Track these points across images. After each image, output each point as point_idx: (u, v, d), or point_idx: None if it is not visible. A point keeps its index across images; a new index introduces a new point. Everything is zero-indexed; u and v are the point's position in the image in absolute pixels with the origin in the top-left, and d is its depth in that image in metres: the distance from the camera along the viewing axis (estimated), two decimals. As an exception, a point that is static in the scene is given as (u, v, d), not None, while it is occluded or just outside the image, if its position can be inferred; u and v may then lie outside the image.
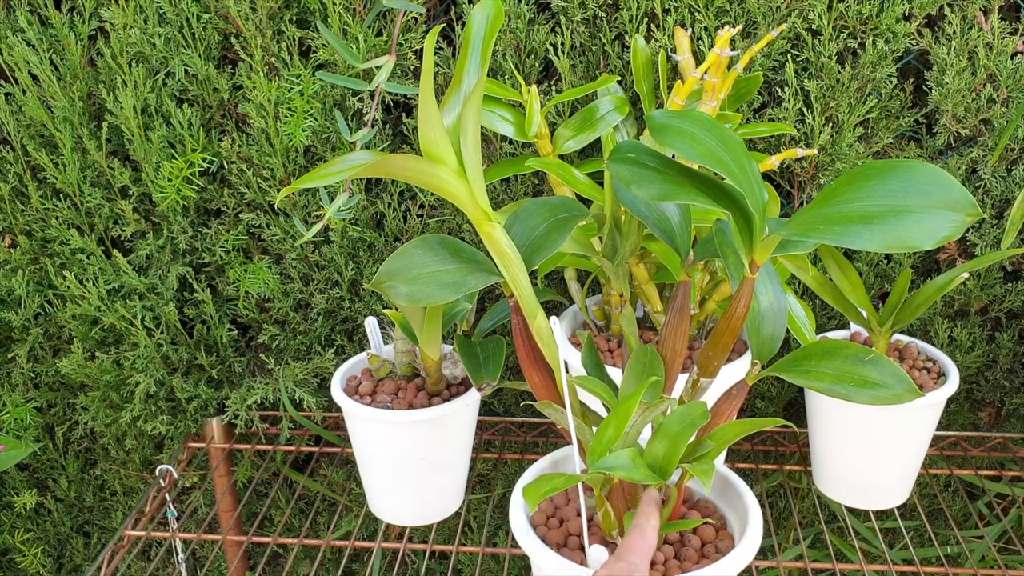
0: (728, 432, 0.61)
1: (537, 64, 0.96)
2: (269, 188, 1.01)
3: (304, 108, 0.96)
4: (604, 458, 0.57)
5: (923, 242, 0.42)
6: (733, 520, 0.69)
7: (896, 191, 0.44)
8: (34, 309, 1.09)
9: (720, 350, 0.63)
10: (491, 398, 1.10)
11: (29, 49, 0.99)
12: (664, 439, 0.59)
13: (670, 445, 0.59)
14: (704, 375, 0.66)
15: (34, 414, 1.14)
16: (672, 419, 0.60)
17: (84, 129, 1.02)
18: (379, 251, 1.05)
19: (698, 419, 0.59)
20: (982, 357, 1.03)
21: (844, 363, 0.58)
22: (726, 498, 0.71)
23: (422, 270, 0.58)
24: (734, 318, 0.60)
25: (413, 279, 0.58)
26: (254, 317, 1.09)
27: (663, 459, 0.59)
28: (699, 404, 0.60)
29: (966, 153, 0.95)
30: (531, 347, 0.64)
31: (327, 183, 0.60)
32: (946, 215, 0.43)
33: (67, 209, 1.05)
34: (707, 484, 0.55)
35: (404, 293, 0.57)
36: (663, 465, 0.59)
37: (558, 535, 0.67)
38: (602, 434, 0.58)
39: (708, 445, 0.61)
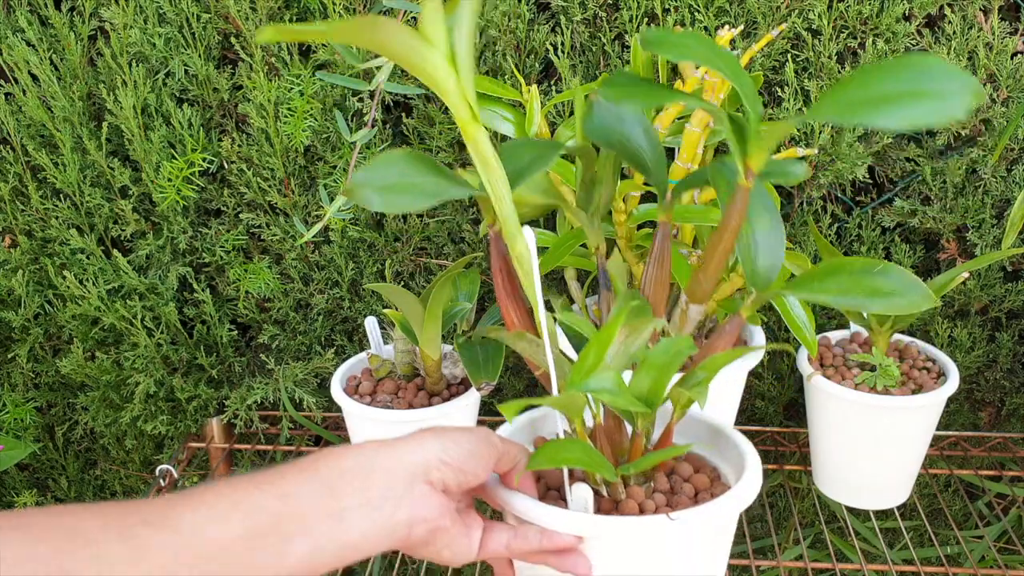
0: (719, 361, 0.57)
1: (537, 64, 0.96)
2: (269, 188, 1.01)
3: (304, 108, 0.96)
4: (586, 380, 0.54)
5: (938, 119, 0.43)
6: (729, 473, 0.65)
7: (911, 79, 0.44)
8: (34, 309, 1.09)
9: (711, 271, 0.59)
10: (491, 398, 1.10)
11: (29, 49, 0.99)
12: (650, 371, 0.56)
13: (656, 376, 0.56)
14: (694, 301, 0.62)
15: (34, 414, 1.14)
16: (657, 351, 0.57)
17: (84, 129, 1.02)
18: (379, 251, 1.05)
19: (685, 350, 0.56)
20: (982, 357, 1.03)
21: (851, 277, 0.55)
22: (719, 451, 0.66)
23: (398, 179, 0.54)
24: (727, 232, 0.56)
25: (388, 187, 0.54)
26: (254, 317, 1.09)
27: (649, 390, 0.56)
28: (685, 337, 0.57)
29: (966, 153, 0.95)
30: (510, 278, 0.61)
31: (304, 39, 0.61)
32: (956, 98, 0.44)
33: (67, 209, 1.05)
34: (702, 400, 0.53)
35: (378, 201, 0.53)
36: (649, 396, 0.56)
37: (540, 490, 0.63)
38: (583, 360, 0.55)
39: (699, 375, 0.57)
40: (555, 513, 0.56)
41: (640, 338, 0.57)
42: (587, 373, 0.54)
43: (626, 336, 0.57)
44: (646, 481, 0.61)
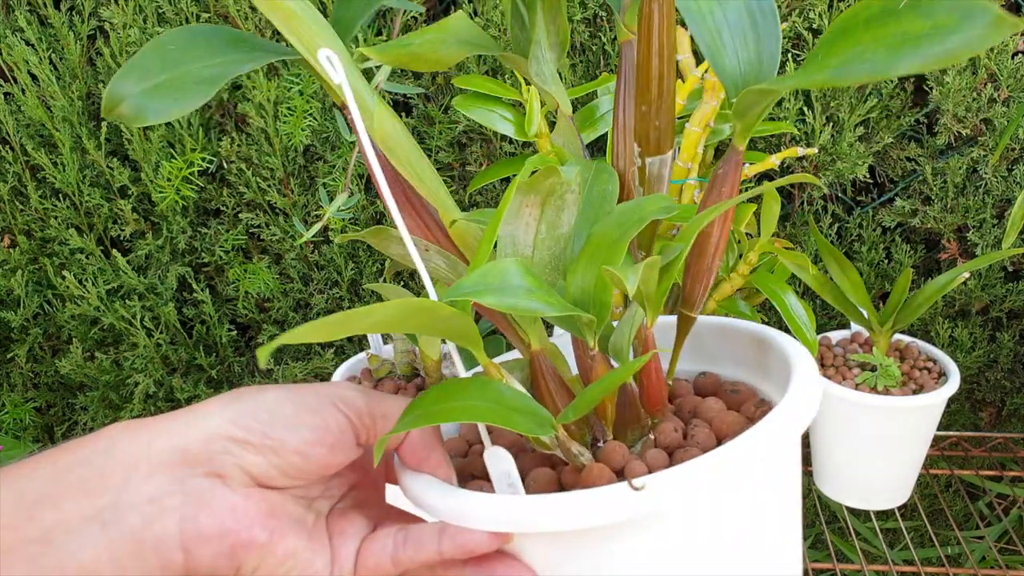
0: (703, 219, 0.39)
1: (537, 63, 0.96)
2: (268, 188, 1.01)
3: (303, 108, 0.96)
4: (459, 282, 0.35)
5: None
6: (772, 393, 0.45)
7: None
8: (33, 309, 1.08)
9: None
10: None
11: (28, 49, 0.99)
12: (595, 255, 0.38)
13: (604, 260, 0.37)
14: (651, 152, 0.44)
15: (33, 414, 1.14)
16: (610, 220, 0.39)
17: (83, 129, 1.01)
18: (378, 251, 1.04)
19: (652, 213, 0.38)
20: (983, 357, 1.03)
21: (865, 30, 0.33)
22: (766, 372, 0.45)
23: (164, 73, 0.39)
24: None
25: (151, 90, 0.38)
26: (253, 317, 1.09)
27: (596, 285, 0.38)
28: (659, 196, 0.40)
29: (967, 153, 0.95)
30: (390, 169, 0.42)
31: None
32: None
33: (66, 209, 1.05)
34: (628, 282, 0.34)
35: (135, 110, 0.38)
36: (596, 295, 0.38)
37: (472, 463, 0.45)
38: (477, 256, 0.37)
39: (675, 248, 0.39)
40: (459, 498, 0.37)
41: (565, 207, 0.40)
42: (476, 267, 0.36)
43: (539, 206, 0.39)
44: (644, 433, 0.42)
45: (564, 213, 0.40)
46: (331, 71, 0.38)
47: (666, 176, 0.45)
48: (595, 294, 0.38)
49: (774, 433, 0.36)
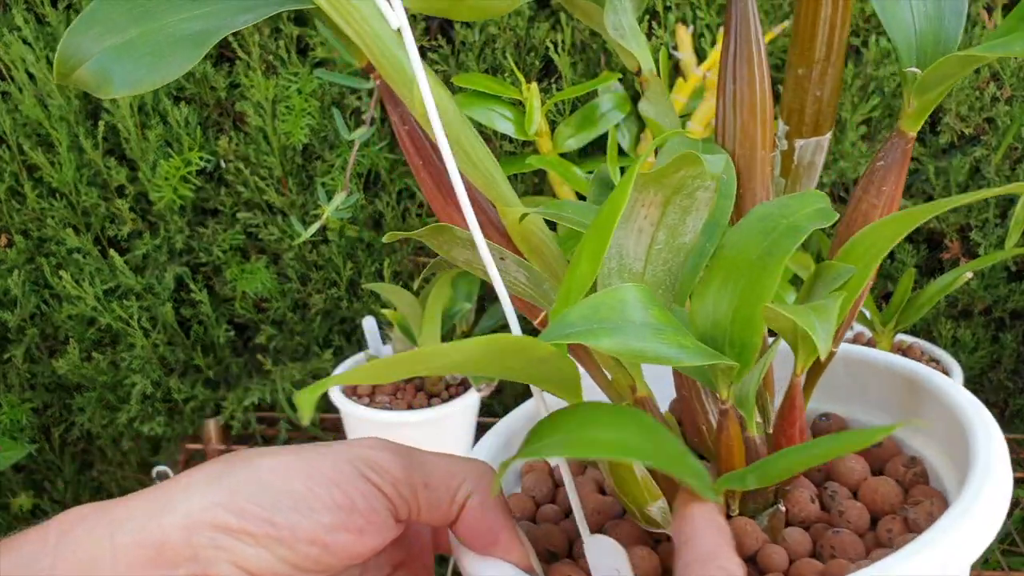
0: (882, 235, 0.30)
1: (537, 62, 0.95)
2: (267, 187, 1.01)
3: (302, 106, 0.95)
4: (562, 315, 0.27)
5: None
6: (942, 465, 0.35)
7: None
8: (30, 309, 1.08)
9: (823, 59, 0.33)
10: (491, 399, 1.10)
11: (25, 47, 0.98)
12: (731, 275, 0.29)
13: (747, 283, 0.29)
14: (804, 132, 0.35)
15: (30, 415, 1.14)
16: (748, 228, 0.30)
17: (80, 128, 1.01)
18: (377, 251, 1.04)
19: (806, 220, 0.29)
20: (986, 358, 1.02)
21: None
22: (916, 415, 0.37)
23: (135, 27, 0.30)
24: None
25: (119, 48, 0.29)
26: (251, 317, 1.08)
27: (731, 317, 0.29)
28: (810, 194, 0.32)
29: (970, 152, 0.95)
30: (426, 146, 0.35)
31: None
32: None
33: (63, 208, 1.04)
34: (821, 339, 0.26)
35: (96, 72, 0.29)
36: (736, 330, 0.29)
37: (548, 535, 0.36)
38: (572, 272, 0.29)
39: (841, 271, 0.30)
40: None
41: (694, 207, 0.30)
42: (575, 294, 0.28)
43: (660, 207, 0.30)
44: (770, 503, 0.33)
45: (691, 216, 0.30)
46: (387, 10, 0.30)
47: (819, 165, 0.36)
48: (733, 330, 0.28)
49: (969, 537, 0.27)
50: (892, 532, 0.31)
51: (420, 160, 0.34)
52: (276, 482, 0.29)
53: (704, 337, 0.29)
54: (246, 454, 0.30)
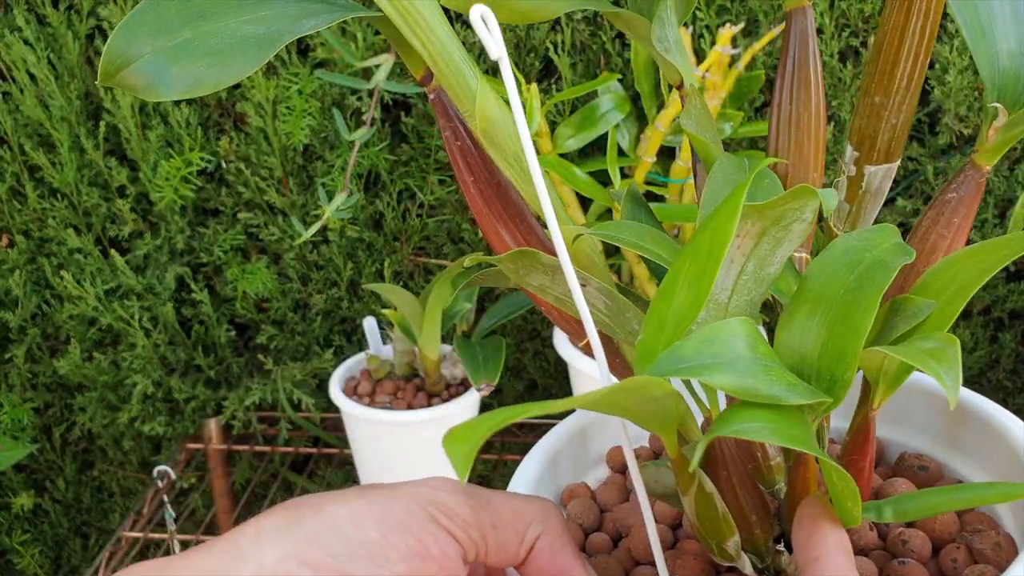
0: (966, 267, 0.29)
1: (537, 62, 0.95)
2: (267, 187, 1.01)
3: (302, 107, 0.95)
4: (672, 349, 0.26)
5: None
6: (969, 473, 0.36)
7: None
8: (31, 309, 1.08)
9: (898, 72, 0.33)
10: (491, 399, 1.10)
11: (26, 48, 0.99)
12: (819, 308, 0.29)
13: (836, 317, 0.28)
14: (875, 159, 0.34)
15: (31, 415, 1.14)
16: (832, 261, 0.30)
17: (82, 128, 1.01)
18: (378, 251, 1.04)
19: (889, 255, 0.29)
20: (984, 358, 1.02)
21: None
22: (939, 433, 0.37)
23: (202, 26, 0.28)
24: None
25: (174, 50, 0.28)
26: (252, 317, 1.09)
27: (826, 353, 0.28)
28: (886, 228, 0.31)
29: (969, 152, 0.95)
30: (478, 162, 0.34)
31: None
32: None
33: (64, 208, 1.04)
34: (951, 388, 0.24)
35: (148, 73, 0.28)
36: (825, 364, 0.28)
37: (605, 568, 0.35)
38: (664, 299, 0.28)
39: (921, 306, 0.29)
40: None
41: (787, 239, 0.30)
42: (674, 329, 0.27)
43: (755, 237, 0.29)
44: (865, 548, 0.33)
45: (782, 248, 0.30)
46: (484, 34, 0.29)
47: (885, 192, 0.35)
48: (822, 364, 0.28)
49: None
50: (957, 563, 0.31)
51: (471, 177, 0.33)
52: (349, 531, 0.27)
53: (791, 367, 0.29)
54: (314, 501, 0.29)
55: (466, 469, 0.21)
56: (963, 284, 0.28)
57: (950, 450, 0.37)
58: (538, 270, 0.32)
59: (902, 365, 0.29)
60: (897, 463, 0.37)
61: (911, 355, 0.25)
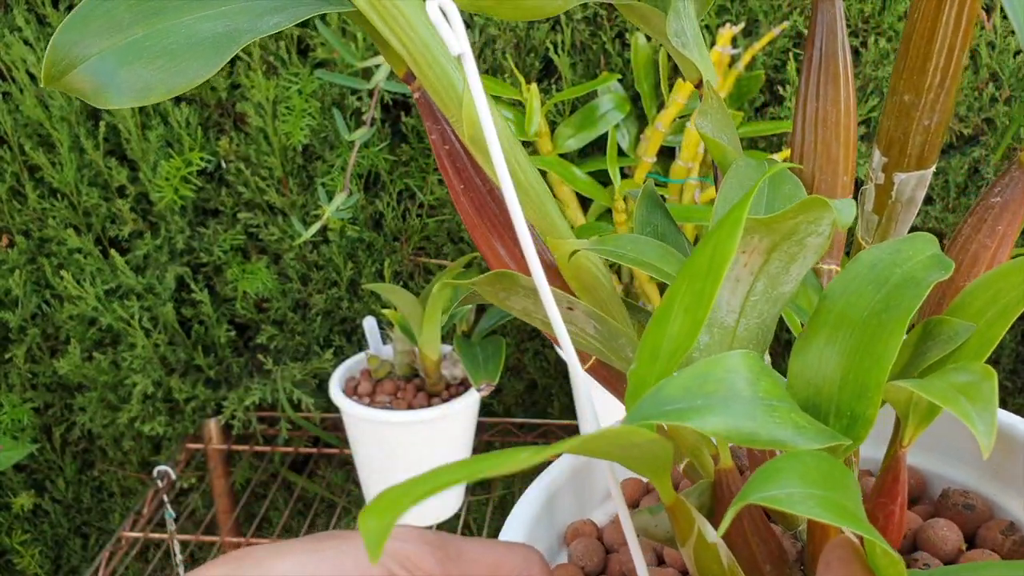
0: (1011, 284, 0.25)
1: (537, 62, 0.95)
2: (267, 187, 1.01)
3: (302, 107, 0.95)
4: (657, 388, 0.23)
5: None
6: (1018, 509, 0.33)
7: None
8: (31, 309, 1.08)
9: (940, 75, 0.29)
10: (491, 399, 1.10)
11: (26, 48, 0.99)
12: (837, 333, 0.26)
13: (858, 344, 0.25)
14: (906, 165, 0.31)
15: (31, 415, 1.14)
16: (856, 277, 0.26)
17: (81, 128, 1.01)
18: (378, 251, 1.04)
19: (922, 270, 0.26)
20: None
21: None
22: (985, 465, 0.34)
23: (157, 23, 0.25)
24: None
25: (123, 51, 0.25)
26: (252, 317, 1.08)
27: (843, 384, 0.25)
28: (921, 237, 0.27)
29: (969, 152, 0.95)
30: (468, 169, 0.31)
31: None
32: None
33: (64, 209, 1.04)
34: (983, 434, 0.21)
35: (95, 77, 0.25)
36: (845, 399, 0.25)
37: None
38: (659, 328, 0.25)
39: (958, 329, 0.26)
40: None
41: (801, 255, 0.27)
42: (668, 360, 0.24)
43: (764, 254, 0.27)
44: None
45: (796, 265, 0.27)
46: (443, 28, 0.26)
47: (919, 201, 0.31)
48: (841, 398, 0.24)
49: None
50: None
51: (461, 184, 0.30)
52: None
53: (806, 404, 0.25)
54: (259, 554, 0.25)
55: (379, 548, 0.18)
56: (1006, 304, 0.24)
57: (1000, 485, 0.32)
58: (519, 293, 0.29)
59: (935, 391, 0.24)
60: (940, 500, 0.33)
61: (939, 393, 0.22)
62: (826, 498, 0.20)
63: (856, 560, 0.25)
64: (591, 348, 0.30)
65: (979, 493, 0.33)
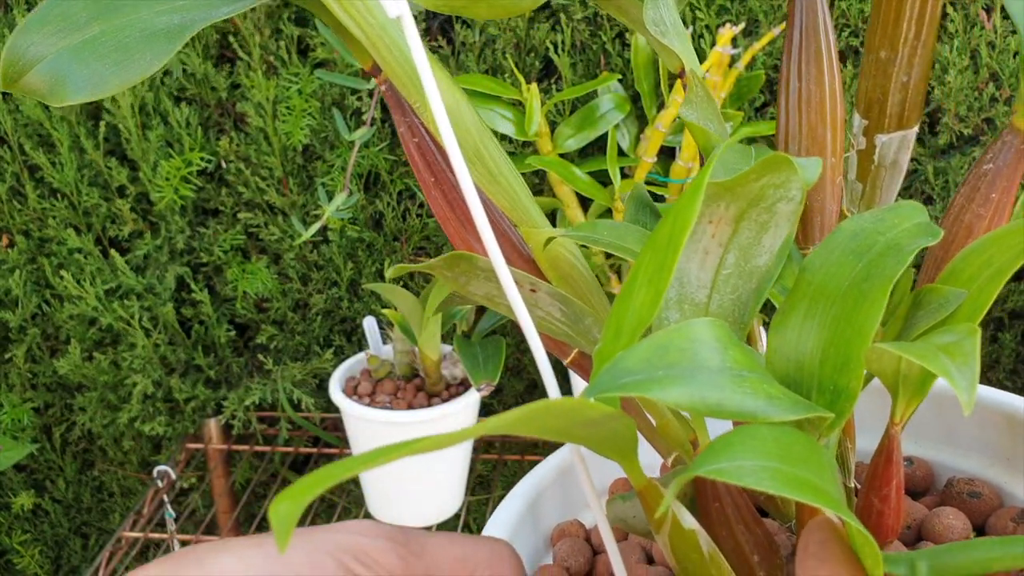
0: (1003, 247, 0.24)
1: (537, 62, 0.95)
2: (267, 187, 1.01)
3: (302, 107, 0.95)
4: (615, 361, 0.21)
5: None
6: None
7: None
8: (31, 309, 1.08)
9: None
10: (491, 399, 1.10)
11: (26, 47, 0.99)
12: (816, 305, 0.24)
13: (839, 315, 0.24)
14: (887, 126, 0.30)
15: (31, 415, 1.14)
16: (837, 247, 0.25)
17: (81, 128, 1.01)
18: (378, 251, 1.04)
19: (907, 238, 0.25)
20: (984, 358, 1.02)
21: None
22: (994, 451, 0.32)
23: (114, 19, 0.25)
24: None
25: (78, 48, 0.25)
26: (252, 317, 1.08)
27: (824, 357, 0.24)
28: (907, 205, 0.26)
29: (969, 152, 0.95)
30: (439, 161, 0.30)
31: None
32: None
33: (64, 208, 1.04)
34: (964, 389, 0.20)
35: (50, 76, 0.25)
36: (827, 373, 0.24)
37: None
38: (624, 304, 0.24)
39: (948, 296, 0.25)
40: None
41: (772, 223, 0.26)
42: (631, 335, 0.23)
43: (731, 223, 0.26)
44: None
45: (768, 234, 0.26)
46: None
47: (904, 164, 0.29)
48: (823, 373, 0.23)
49: None
50: None
51: (432, 177, 0.29)
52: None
53: (786, 380, 0.24)
54: (200, 552, 0.24)
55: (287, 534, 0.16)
56: (999, 267, 0.23)
57: (1010, 472, 0.30)
58: (479, 277, 0.28)
59: (924, 369, 0.23)
60: (945, 490, 0.31)
61: (919, 352, 0.21)
62: (780, 471, 0.19)
63: (835, 542, 0.23)
64: (559, 333, 0.29)
65: (988, 481, 0.31)
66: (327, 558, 0.24)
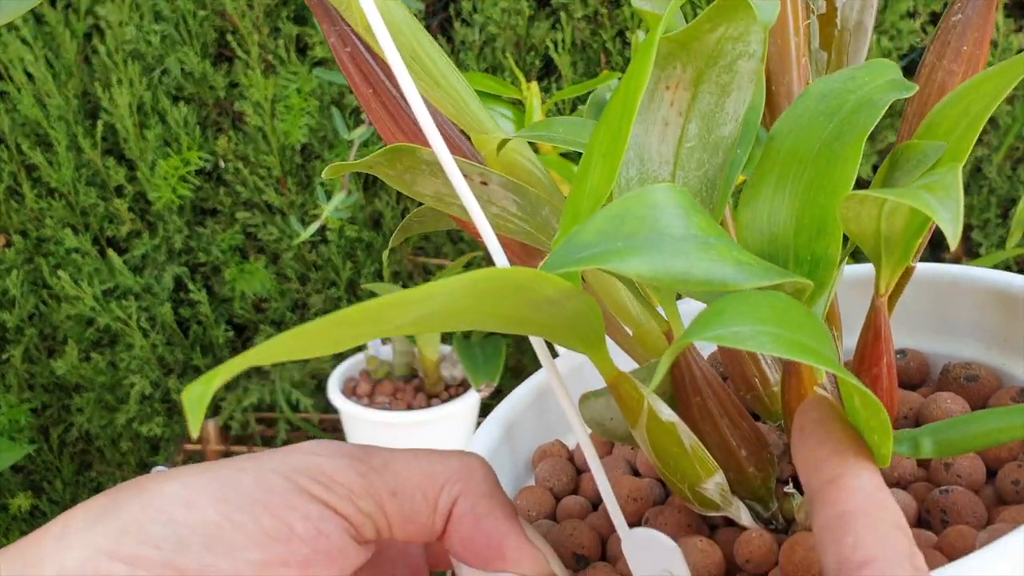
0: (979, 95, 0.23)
1: (537, 61, 0.95)
2: (265, 187, 1.00)
3: (301, 106, 0.95)
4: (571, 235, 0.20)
5: None
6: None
7: None
8: (29, 309, 1.08)
9: None
10: (490, 399, 1.09)
11: (24, 47, 0.98)
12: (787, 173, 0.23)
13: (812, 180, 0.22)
14: None
15: (29, 415, 1.13)
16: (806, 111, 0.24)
17: (79, 127, 1.01)
18: (377, 251, 1.04)
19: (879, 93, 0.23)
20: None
21: None
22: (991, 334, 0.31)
23: None
24: None
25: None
26: (250, 318, 1.08)
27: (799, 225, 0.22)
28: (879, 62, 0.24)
29: (970, 151, 0.94)
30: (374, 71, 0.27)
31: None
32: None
33: (62, 208, 1.04)
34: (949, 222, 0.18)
35: None
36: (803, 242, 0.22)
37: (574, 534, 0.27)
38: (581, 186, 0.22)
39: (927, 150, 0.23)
40: None
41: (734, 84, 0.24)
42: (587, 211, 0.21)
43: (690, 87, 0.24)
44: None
45: (731, 99, 0.23)
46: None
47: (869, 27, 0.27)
48: (799, 242, 0.22)
49: None
50: (1020, 485, 0.24)
51: (370, 88, 0.26)
52: (179, 514, 0.22)
53: (760, 254, 0.22)
54: (138, 481, 0.23)
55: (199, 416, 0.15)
56: (977, 114, 0.22)
57: (1008, 353, 0.29)
58: (423, 172, 0.26)
59: (907, 226, 0.21)
60: (941, 377, 0.29)
61: (899, 192, 0.19)
62: (780, 335, 0.18)
63: (833, 419, 0.21)
64: (518, 231, 0.26)
65: (985, 364, 0.30)
66: (279, 479, 0.23)
